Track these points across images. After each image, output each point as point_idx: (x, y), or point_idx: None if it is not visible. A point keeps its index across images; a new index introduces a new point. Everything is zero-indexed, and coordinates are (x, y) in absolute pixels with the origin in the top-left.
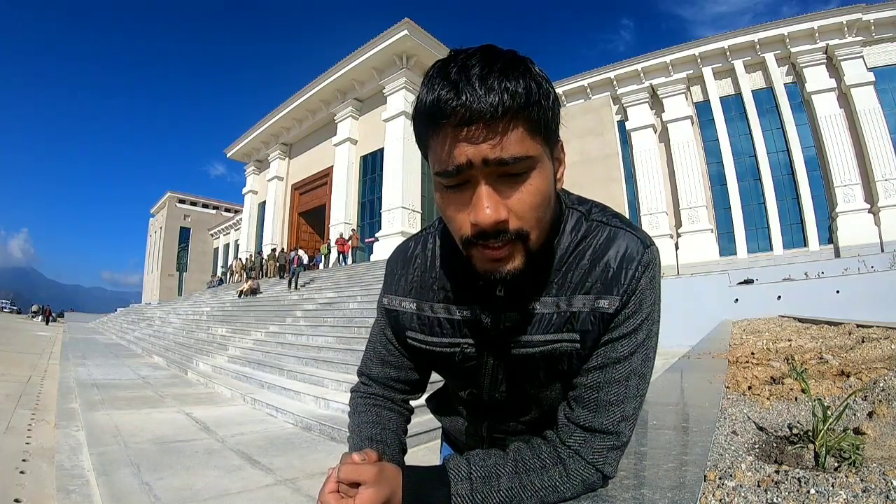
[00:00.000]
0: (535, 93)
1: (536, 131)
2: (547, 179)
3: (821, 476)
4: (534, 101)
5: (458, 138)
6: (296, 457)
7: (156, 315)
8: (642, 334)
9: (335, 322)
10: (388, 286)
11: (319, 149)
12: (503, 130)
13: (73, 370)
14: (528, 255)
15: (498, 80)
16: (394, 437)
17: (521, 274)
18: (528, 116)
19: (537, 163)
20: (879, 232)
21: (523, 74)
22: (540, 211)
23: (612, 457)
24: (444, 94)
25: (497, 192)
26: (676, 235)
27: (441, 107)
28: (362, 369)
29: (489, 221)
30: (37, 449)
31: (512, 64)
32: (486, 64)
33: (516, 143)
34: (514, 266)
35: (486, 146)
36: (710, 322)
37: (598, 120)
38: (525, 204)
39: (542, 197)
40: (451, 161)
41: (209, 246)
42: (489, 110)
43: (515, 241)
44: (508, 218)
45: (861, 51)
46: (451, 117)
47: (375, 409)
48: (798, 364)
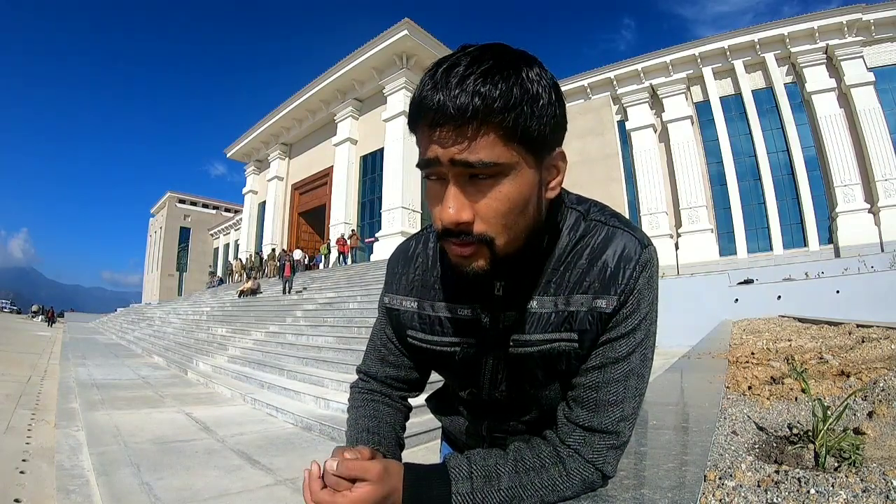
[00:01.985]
0: (515, 98)
1: (511, 138)
2: (521, 188)
3: (821, 476)
4: (511, 106)
5: (431, 138)
6: (296, 457)
7: (156, 315)
8: (640, 334)
9: (335, 322)
10: (390, 285)
11: (319, 149)
12: (472, 135)
13: (73, 370)
14: (495, 259)
15: (475, 82)
16: (390, 431)
17: (489, 273)
18: (502, 122)
19: (510, 170)
20: (879, 232)
21: (507, 78)
22: (508, 218)
23: (611, 456)
24: (425, 92)
25: (465, 193)
26: (676, 235)
27: (419, 105)
28: (361, 367)
29: (450, 221)
30: (37, 449)
31: (501, 66)
32: (471, 64)
33: (485, 149)
34: (478, 265)
35: (454, 148)
36: (710, 322)
37: (598, 120)
38: (491, 209)
39: (511, 205)
40: (425, 154)
41: (209, 246)
42: (457, 113)
43: (480, 244)
44: (473, 220)
45: (861, 51)
46: (427, 113)
47: (373, 404)
48: (798, 364)
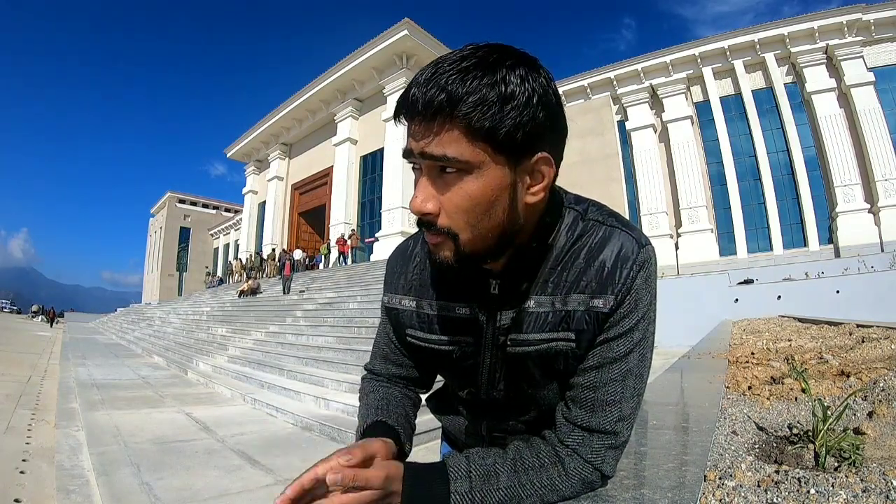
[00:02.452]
0: (483, 97)
1: (475, 136)
2: (485, 188)
3: (821, 476)
4: (478, 104)
5: (409, 130)
6: (296, 457)
7: (156, 315)
8: (638, 334)
9: (335, 322)
10: (389, 285)
11: (319, 149)
12: (437, 129)
13: (73, 370)
14: (459, 253)
15: (448, 79)
16: (401, 410)
17: (458, 264)
18: (466, 119)
19: (475, 168)
20: (879, 232)
21: (481, 77)
22: (470, 216)
23: (610, 456)
24: (410, 87)
25: (434, 185)
26: (676, 235)
27: (400, 99)
28: (368, 365)
29: (415, 210)
30: (37, 449)
31: (480, 65)
32: (454, 62)
33: (449, 144)
34: (444, 255)
35: (423, 141)
36: (710, 322)
37: (598, 120)
38: (452, 204)
39: (472, 203)
40: (405, 146)
41: (209, 246)
42: (423, 108)
43: (445, 236)
44: (438, 213)
45: (861, 51)
46: (403, 111)
47: (383, 389)
48: (798, 364)
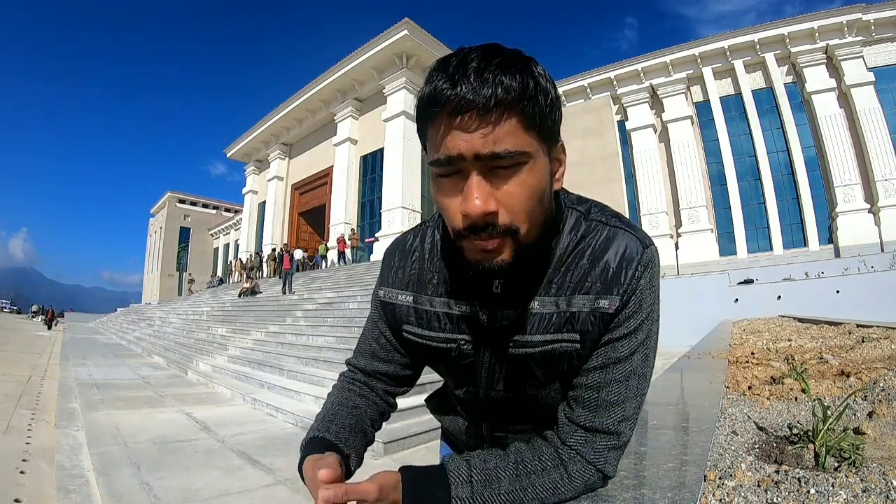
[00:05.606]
0: (531, 88)
1: (531, 126)
2: (540, 176)
3: (821, 476)
4: (529, 96)
5: (451, 126)
6: (296, 457)
7: (156, 315)
8: (642, 334)
9: (335, 322)
10: (385, 278)
11: (319, 149)
12: (496, 121)
13: (73, 370)
14: (518, 251)
15: (494, 74)
16: (352, 419)
17: (510, 267)
18: (523, 111)
19: (530, 158)
20: (879, 232)
21: (521, 70)
22: (531, 207)
23: (612, 457)
24: (440, 84)
25: (489, 183)
26: (676, 235)
27: (437, 96)
28: (351, 360)
29: (478, 212)
30: (37, 449)
31: (511, 60)
32: (484, 58)
33: (509, 136)
34: (502, 259)
35: (478, 136)
36: (710, 322)
37: (598, 120)
38: (515, 197)
39: (533, 193)
40: (444, 150)
41: (209, 246)
42: (482, 101)
43: (505, 236)
44: (498, 211)
45: (861, 51)
46: (446, 105)
47: (345, 394)
48: (798, 364)
